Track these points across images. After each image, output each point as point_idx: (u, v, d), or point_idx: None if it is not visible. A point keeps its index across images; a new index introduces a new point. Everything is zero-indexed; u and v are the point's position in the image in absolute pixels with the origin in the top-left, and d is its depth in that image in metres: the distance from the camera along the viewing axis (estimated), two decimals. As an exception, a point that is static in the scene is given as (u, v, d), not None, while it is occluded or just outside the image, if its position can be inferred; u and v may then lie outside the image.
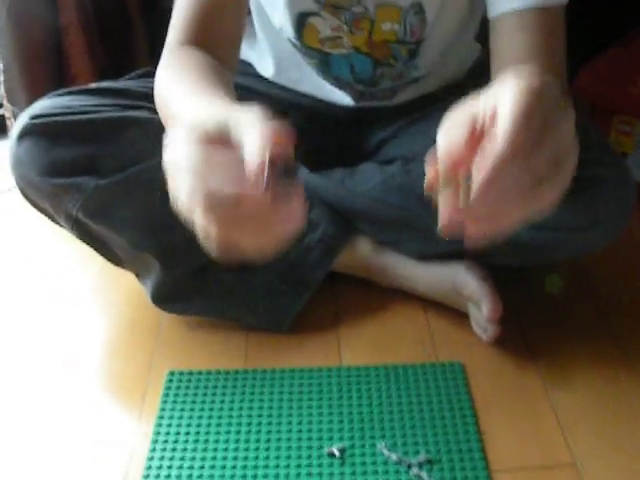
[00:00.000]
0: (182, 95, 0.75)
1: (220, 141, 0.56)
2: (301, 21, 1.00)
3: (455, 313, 1.04)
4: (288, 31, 1.03)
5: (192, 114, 0.65)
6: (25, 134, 0.92)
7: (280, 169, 0.52)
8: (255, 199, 0.53)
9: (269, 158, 0.52)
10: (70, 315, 1.13)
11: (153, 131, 0.99)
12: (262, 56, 1.14)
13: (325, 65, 1.07)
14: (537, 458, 0.83)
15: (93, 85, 1.02)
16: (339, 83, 1.10)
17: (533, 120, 0.50)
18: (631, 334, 1.02)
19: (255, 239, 0.56)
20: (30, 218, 1.37)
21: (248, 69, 1.17)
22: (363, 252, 1.07)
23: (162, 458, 0.85)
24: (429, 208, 0.84)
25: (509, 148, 0.49)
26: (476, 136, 0.53)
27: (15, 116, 1.43)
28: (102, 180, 0.91)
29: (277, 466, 0.83)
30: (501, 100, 0.51)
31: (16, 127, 0.93)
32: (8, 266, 1.27)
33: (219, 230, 0.54)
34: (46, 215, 1.00)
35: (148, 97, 0.98)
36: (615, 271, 1.16)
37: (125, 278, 1.16)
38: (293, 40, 1.04)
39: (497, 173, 0.50)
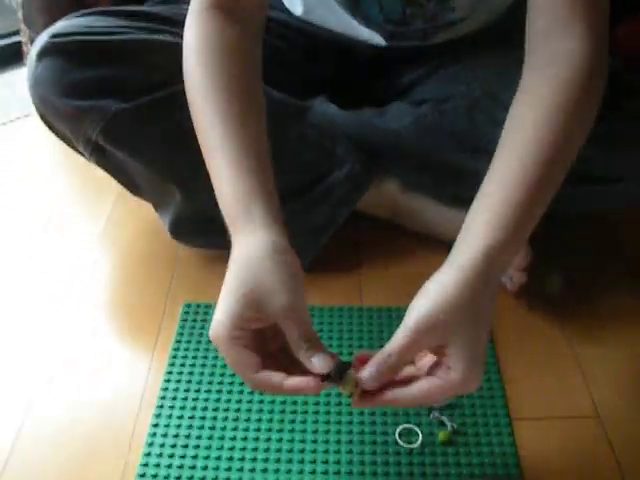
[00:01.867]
0: (220, 143, 0.72)
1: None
2: None
3: (480, 260, 1.01)
4: None
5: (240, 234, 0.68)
6: (45, 53, 0.88)
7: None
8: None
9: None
10: (87, 248, 1.10)
11: (178, 56, 0.96)
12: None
13: (354, 4, 1.02)
14: (560, 409, 0.82)
15: (116, 7, 0.98)
16: (368, 23, 1.06)
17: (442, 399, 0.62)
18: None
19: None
20: (47, 144, 1.35)
21: (277, 4, 1.12)
22: (390, 192, 1.04)
23: (176, 389, 0.84)
24: (462, 149, 0.82)
25: (411, 402, 0.62)
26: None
27: (32, 41, 1.39)
28: (124, 104, 0.88)
29: (295, 403, 0.81)
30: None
31: (35, 46, 0.90)
32: (20, 198, 1.25)
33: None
34: (64, 140, 0.97)
35: (173, 22, 0.94)
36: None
37: (141, 211, 1.14)
38: None
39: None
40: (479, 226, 0.65)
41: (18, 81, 1.62)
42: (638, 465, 0.75)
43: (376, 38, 1.07)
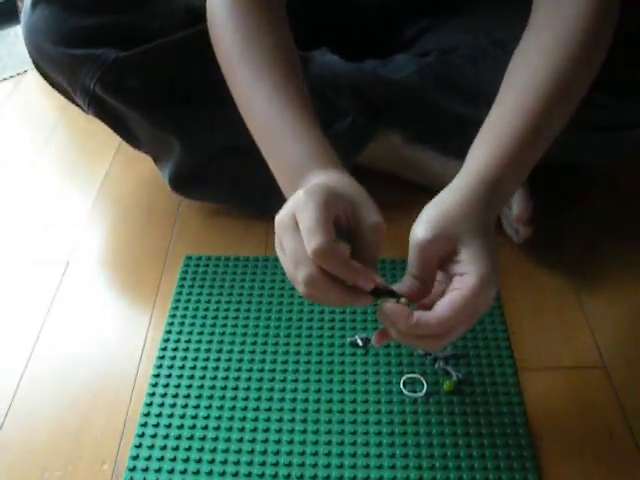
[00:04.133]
0: (267, 105, 0.71)
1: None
2: None
3: (484, 214, 0.99)
4: None
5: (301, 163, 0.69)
6: (40, 0, 0.86)
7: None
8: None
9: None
10: (84, 206, 1.09)
11: (178, 5, 0.94)
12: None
13: None
14: (566, 359, 0.81)
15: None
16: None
17: (467, 315, 0.58)
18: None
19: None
20: (41, 103, 1.33)
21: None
22: (393, 144, 1.01)
23: (177, 341, 0.83)
24: (467, 99, 0.81)
25: (437, 327, 0.57)
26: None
27: (27, -4, 1.37)
28: (122, 52, 0.86)
29: (297, 353, 0.81)
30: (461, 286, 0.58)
31: (30, -7, 0.87)
32: (17, 157, 1.23)
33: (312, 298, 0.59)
34: (61, 91, 0.95)
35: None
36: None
37: (139, 166, 1.12)
38: None
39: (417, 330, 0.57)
40: (480, 153, 0.65)
41: (13, 40, 1.59)
42: (644, 413, 0.75)
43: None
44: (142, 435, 0.73)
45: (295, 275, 0.57)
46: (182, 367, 0.80)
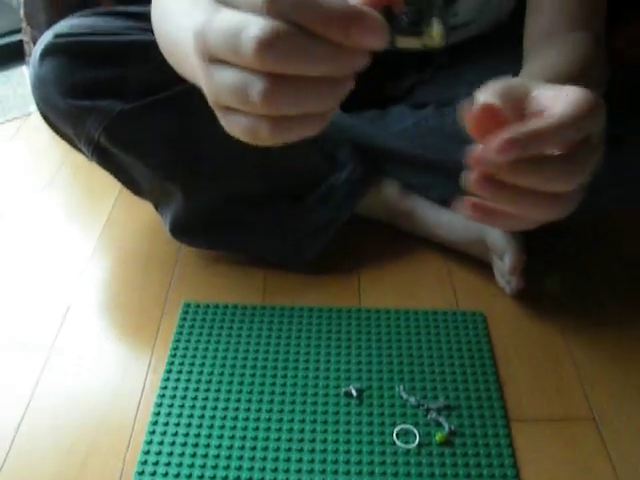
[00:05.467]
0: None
1: None
2: None
3: (477, 263, 1.02)
4: None
5: None
6: (49, 53, 0.89)
7: None
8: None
9: None
10: (85, 249, 1.11)
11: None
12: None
13: None
14: (556, 410, 0.82)
15: (120, 8, 0.99)
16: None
17: (585, 126, 0.48)
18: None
19: (317, 98, 0.38)
20: (46, 145, 1.36)
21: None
22: (389, 195, 1.04)
23: (175, 388, 0.85)
24: (463, 151, 0.82)
25: (555, 131, 0.46)
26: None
27: (34, 40, 1.40)
28: (127, 104, 0.88)
29: (293, 402, 0.82)
30: (567, 95, 0.48)
31: (39, 45, 0.90)
32: (21, 197, 1.25)
33: (273, 86, 0.37)
34: (65, 139, 0.98)
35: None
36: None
37: (141, 210, 1.14)
38: None
39: (536, 139, 0.46)
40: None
41: (19, 80, 1.63)
42: (632, 466, 0.76)
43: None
44: (139, 483, 0.74)
45: (239, 46, 0.36)
46: (180, 414, 0.81)
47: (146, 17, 0.96)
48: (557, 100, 0.48)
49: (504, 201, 0.48)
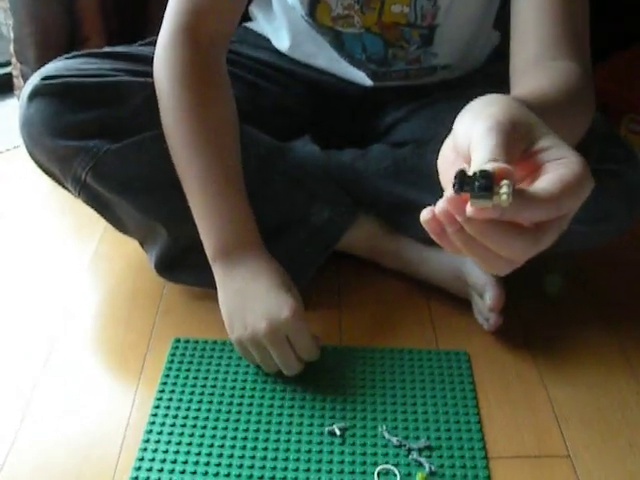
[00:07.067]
0: (202, 181, 0.90)
1: None
2: None
3: (457, 301, 1.04)
4: (301, 8, 1.02)
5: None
6: (37, 94, 0.91)
7: None
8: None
9: None
10: (71, 283, 1.12)
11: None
12: (278, 29, 1.13)
13: (339, 43, 1.06)
14: (533, 448, 0.84)
15: (107, 49, 1.01)
16: (353, 61, 1.09)
17: (576, 197, 0.49)
18: (628, 329, 1.02)
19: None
20: (33, 179, 1.37)
21: (265, 44, 1.16)
22: (370, 233, 1.06)
23: (163, 424, 0.86)
24: (439, 193, 0.84)
25: (546, 203, 0.47)
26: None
27: (24, 74, 1.42)
28: (114, 144, 0.90)
29: (277, 440, 0.83)
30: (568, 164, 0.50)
31: (27, 87, 0.92)
32: (8, 230, 1.26)
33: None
34: (52, 177, 0.99)
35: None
36: (613, 267, 1.16)
37: (126, 247, 1.16)
38: (306, 17, 1.03)
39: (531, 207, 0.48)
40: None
41: (7, 113, 1.63)
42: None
43: (363, 77, 1.11)
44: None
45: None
46: (166, 451, 0.82)
47: (133, 58, 0.99)
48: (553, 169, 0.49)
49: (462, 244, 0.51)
